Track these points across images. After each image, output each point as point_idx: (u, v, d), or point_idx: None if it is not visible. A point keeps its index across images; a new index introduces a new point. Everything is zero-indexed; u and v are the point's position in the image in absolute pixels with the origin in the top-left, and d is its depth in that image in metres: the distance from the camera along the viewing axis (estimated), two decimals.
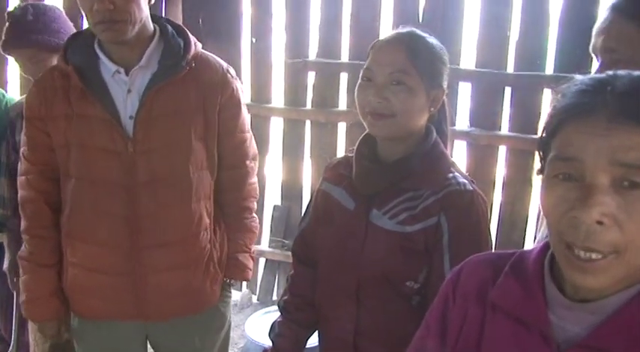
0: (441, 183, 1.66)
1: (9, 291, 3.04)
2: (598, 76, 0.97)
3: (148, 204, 2.00)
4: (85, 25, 2.10)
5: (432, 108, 1.71)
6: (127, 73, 1.98)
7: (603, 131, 0.90)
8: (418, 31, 1.71)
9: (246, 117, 2.24)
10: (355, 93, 1.71)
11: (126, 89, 1.98)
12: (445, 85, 1.72)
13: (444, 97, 1.77)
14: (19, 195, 2.12)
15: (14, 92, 3.66)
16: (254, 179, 2.33)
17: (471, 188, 1.68)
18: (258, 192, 2.37)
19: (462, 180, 1.68)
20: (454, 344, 1.18)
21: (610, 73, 0.97)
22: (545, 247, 1.11)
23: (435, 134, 1.74)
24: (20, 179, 2.11)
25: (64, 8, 4.11)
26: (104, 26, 1.88)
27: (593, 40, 1.61)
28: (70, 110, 1.98)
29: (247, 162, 2.27)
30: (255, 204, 2.36)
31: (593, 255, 0.91)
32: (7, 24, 2.56)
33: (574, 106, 0.95)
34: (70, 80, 1.98)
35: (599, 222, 0.89)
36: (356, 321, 1.75)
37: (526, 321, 1.06)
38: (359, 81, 1.70)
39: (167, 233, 2.04)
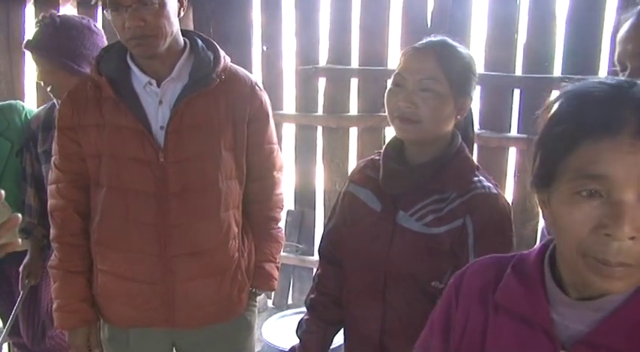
0: (467, 186, 1.70)
1: (34, 300, 3.09)
2: (609, 87, 0.97)
3: (178, 213, 2.03)
4: None
5: (459, 116, 1.74)
6: (158, 85, 2.02)
7: (629, 148, 0.90)
8: (449, 40, 1.74)
9: (273, 129, 2.26)
10: (385, 98, 1.74)
11: (157, 100, 2.02)
12: (473, 93, 1.76)
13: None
14: (48, 203, 2.15)
15: (31, 103, 3.71)
16: (280, 190, 2.36)
17: (496, 191, 1.71)
18: (284, 203, 2.39)
19: (487, 183, 1.71)
20: (458, 345, 1.21)
21: (621, 81, 0.98)
22: (544, 249, 1.14)
23: (460, 139, 1.78)
24: (50, 188, 2.14)
25: (103, 26, 4.20)
26: (136, 42, 1.93)
27: (619, 48, 1.60)
28: (101, 120, 2.02)
29: (274, 173, 2.30)
30: (282, 214, 2.39)
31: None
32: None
33: (593, 122, 0.94)
34: (102, 91, 2.02)
35: (631, 238, 0.91)
36: (382, 320, 1.79)
37: (529, 320, 1.09)
38: (389, 86, 1.74)
39: (197, 242, 2.07)
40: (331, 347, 2.03)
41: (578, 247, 0.95)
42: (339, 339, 2.00)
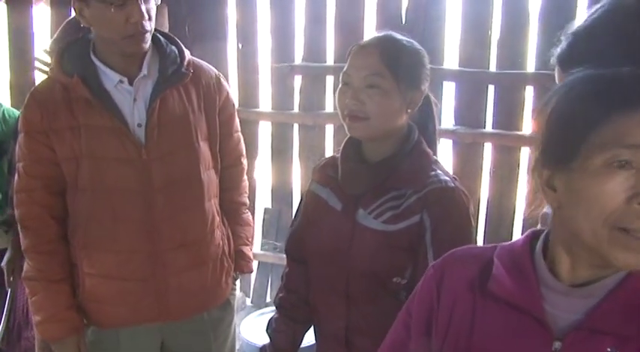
0: (423, 181, 1.71)
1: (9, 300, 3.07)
2: (630, 69, 1.01)
3: (165, 208, 2.05)
4: None
5: (409, 110, 1.74)
6: (129, 83, 2.02)
7: None
8: (394, 35, 1.75)
9: (237, 117, 2.35)
10: (336, 97, 1.75)
11: (131, 98, 2.02)
12: (424, 86, 1.76)
13: (430, 97, 1.82)
14: (18, 212, 2.09)
15: (4, 100, 3.66)
16: (246, 175, 2.46)
17: (453, 185, 1.72)
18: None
19: (443, 177, 1.72)
20: (441, 342, 1.20)
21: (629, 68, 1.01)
22: (531, 238, 1.16)
23: (416, 133, 1.78)
24: (20, 196, 2.08)
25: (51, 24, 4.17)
26: (138, 38, 1.94)
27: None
28: (75, 122, 1.99)
29: (242, 159, 2.39)
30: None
31: None
32: None
33: (627, 95, 0.97)
34: (71, 92, 1.99)
35: None
36: (346, 318, 1.80)
37: (522, 309, 1.10)
38: (339, 85, 1.75)
39: (186, 234, 2.10)
40: (304, 346, 2.04)
41: (607, 219, 0.96)
42: (311, 338, 2.01)
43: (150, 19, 1.95)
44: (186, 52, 2.15)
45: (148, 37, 1.98)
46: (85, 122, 1.99)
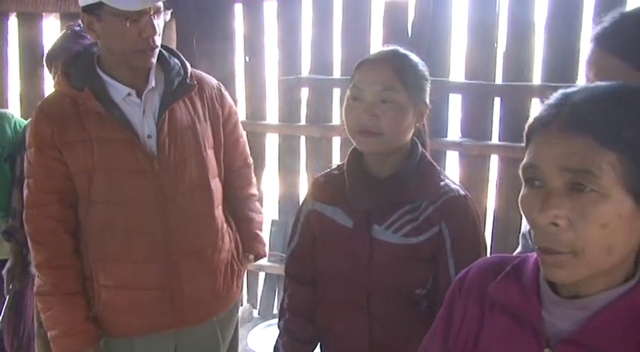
0: (437, 191, 1.73)
1: (19, 308, 3.08)
2: (566, 90, 1.05)
3: (178, 217, 2.08)
4: None
5: (417, 124, 1.77)
6: (137, 95, 2.05)
7: (554, 140, 0.99)
8: (401, 50, 1.77)
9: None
10: (343, 112, 1.75)
11: (140, 111, 2.05)
12: (427, 99, 1.78)
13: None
14: (29, 228, 2.08)
15: (14, 112, 3.69)
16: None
17: (463, 193, 1.75)
18: None
19: (454, 186, 1.75)
20: (455, 340, 1.25)
21: (576, 87, 1.05)
22: None
23: (420, 146, 1.80)
24: (32, 211, 2.07)
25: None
26: (150, 53, 1.99)
27: (585, 70, 1.60)
28: (86, 135, 2.01)
29: (249, 159, 2.49)
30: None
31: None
32: None
33: (538, 119, 1.04)
34: (81, 105, 2.01)
35: (555, 224, 0.97)
36: (369, 333, 1.80)
37: (520, 316, 1.12)
38: (346, 100, 1.75)
39: (198, 241, 2.15)
40: None
41: (533, 237, 1.03)
42: None
43: (159, 34, 1.99)
44: (188, 65, 2.19)
45: (157, 52, 2.02)
46: (97, 135, 2.01)
